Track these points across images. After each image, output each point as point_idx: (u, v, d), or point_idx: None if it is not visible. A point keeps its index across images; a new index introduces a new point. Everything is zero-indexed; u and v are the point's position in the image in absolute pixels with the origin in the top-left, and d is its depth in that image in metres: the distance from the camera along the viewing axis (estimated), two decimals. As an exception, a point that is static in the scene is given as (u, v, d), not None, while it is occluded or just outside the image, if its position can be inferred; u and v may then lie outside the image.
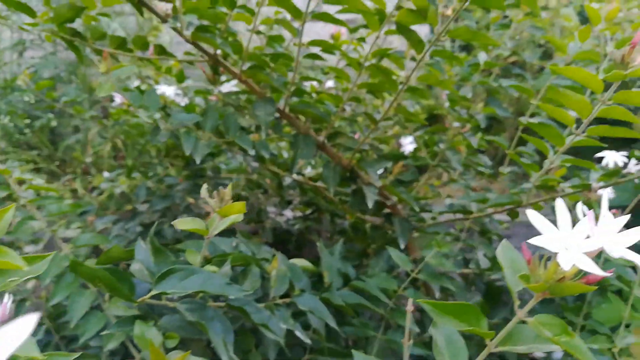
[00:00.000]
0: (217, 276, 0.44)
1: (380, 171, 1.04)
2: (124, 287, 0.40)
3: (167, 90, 1.13)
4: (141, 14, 0.81)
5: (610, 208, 1.24)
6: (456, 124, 1.07)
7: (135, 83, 1.28)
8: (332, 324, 0.62)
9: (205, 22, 0.80)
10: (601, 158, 0.97)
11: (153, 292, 0.41)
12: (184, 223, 0.46)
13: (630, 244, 0.35)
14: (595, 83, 0.49)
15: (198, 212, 1.36)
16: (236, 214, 0.44)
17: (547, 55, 1.87)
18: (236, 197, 1.32)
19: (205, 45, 0.81)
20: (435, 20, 0.65)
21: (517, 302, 0.39)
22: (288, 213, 1.35)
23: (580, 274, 0.36)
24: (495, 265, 1.05)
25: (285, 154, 1.20)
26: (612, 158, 0.94)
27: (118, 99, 1.09)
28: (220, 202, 0.43)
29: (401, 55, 0.75)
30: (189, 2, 0.73)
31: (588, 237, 0.34)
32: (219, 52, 0.82)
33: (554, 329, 0.36)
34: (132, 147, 1.62)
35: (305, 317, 0.65)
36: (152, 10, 0.78)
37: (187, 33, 0.79)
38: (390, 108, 0.78)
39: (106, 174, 1.34)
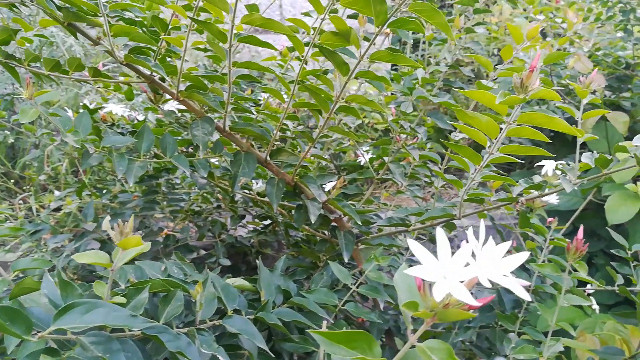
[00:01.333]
0: (121, 309, 0.44)
1: (332, 184, 1.05)
2: (19, 325, 0.40)
3: (115, 108, 1.13)
4: (74, 36, 0.81)
5: (560, 212, 1.29)
6: (410, 138, 1.09)
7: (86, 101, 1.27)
8: (261, 344, 0.63)
9: (141, 44, 0.80)
10: (547, 165, 1.00)
11: (52, 328, 0.41)
12: (85, 256, 0.46)
13: (509, 271, 0.36)
14: (499, 105, 0.51)
15: (159, 227, 1.35)
16: (135, 247, 0.44)
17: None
18: (191, 212, 1.32)
19: (141, 67, 0.81)
20: (357, 43, 0.66)
21: (409, 327, 0.40)
22: (251, 226, 1.35)
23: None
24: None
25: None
26: (550, 167, 0.97)
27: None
28: (120, 235, 0.43)
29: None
30: (118, 26, 0.73)
31: (467, 264, 0.36)
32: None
33: (441, 353, 0.37)
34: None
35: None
36: (82, 33, 0.78)
37: (121, 55, 0.79)
38: (324, 126, 0.79)
39: (57, 193, 1.32)
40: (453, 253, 0.36)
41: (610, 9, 1.65)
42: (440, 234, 0.36)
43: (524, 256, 0.37)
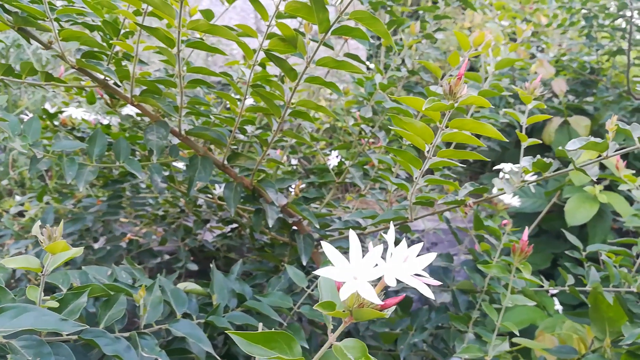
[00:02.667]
0: (52, 313, 0.44)
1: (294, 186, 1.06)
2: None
3: (75, 112, 1.12)
4: (27, 40, 0.81)
5: (526, 214, 1.30)
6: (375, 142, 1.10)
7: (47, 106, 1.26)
8: (208, 348, 0.63)
9: (95, 49, 0.80)
10: (506, 167, 1.02)
11: (-23, 333, 0.41)
12: (14, 261, 0.46)
13: (415, 272, 0.37)
14: (431, 112, 0.52)
15: (122, 232, 1.34)
16: (62, 251, 0.44)
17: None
18: (155, 217, 1.32)
19: (93, 72, 0.81)
20: (304, 49, 0.67)
21: (330, 327, 0.41)
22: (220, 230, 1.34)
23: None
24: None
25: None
26: (507, 169, 1.00)
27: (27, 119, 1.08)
28: (48, 239, 0.43)
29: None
30: (67, 31, 0.73)
31: (377, 265, 0.37)
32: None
33: (355, 351, 0.38)
34: (54, 167, 1.58)
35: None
36: (34, 37, 0.78)
37: (73, 59, 0.79)
38: (277, 130, 0.80)
39: (18, 198, 1.31)
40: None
41: (573, 15, 1.69)
42: (352, 236, 0.37)
43: (431, 257, 0.38)
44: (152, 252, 1.24)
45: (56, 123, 1.10)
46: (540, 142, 0.77)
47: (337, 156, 1.24)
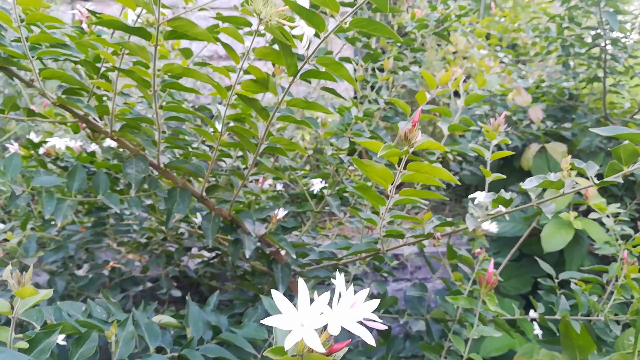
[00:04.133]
0: (21, 355, 0.46)
1: (282, 213, 1.08)
2: None
3: (58, 142, 1.14)
4: (10, 78, 0.83)
5: (507, 239, 1.32)
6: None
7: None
8: (179, 382, 0.64)
9: (75, 86, 0.83)
10: (479, 197, 1.05)
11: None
12: (-19, 305, 0.47)
13: (360, 318, 0.39)
14: (389, 156, 0.55)
15: (105, 260, 1.35)
16: (31, 295, 0.46)
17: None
18: (137, 244, 1.33)
19: (74, 108, 0.83)
20: (275, 90, 0.70)
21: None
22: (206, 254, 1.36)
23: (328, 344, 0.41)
24: (383, 303, 1.10)
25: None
26: (480, 198, 1.02)
27: (12, 148, 1.10)
28: (17, 284, 0.45)
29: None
30: (48, 71, 0.76)
31: (323, 313, 0.39)
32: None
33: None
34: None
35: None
36: (16, 76, 0.80)
37: (54, 96, 0.81)
38: (253, 164, 0.82)
39: (1, 226, 1.32)
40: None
41: (550, 43, 1.75)
42: (301, 284, 0.39)
43: (374, 304, 0.40)
44: (135, 279, 1.25)
45: (41, 151, 1.12)
46: (504, 177, 0.80)
47: (320, 181, 1.26)
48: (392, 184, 0.60)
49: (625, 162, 0.61)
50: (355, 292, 0.41)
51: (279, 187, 1.48)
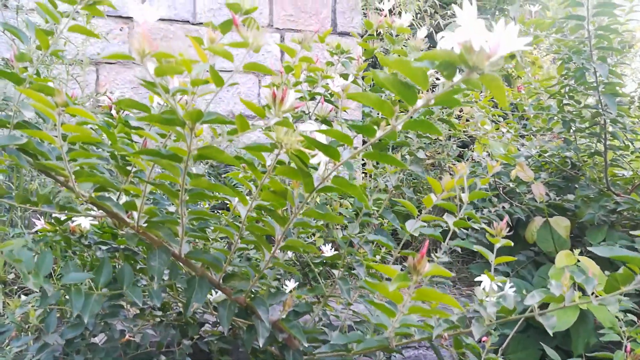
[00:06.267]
0: None
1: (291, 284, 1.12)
2: None
3: (84, 222, 1.20)
4: (47, 175, 0.90)
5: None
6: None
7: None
8: None
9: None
10: (485, 281, 1.08)
11: None
12: None
13: None
14: (401, 287, 0.59)
15: (121, 330, 1.39)
16: None
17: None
18: (152, 317, 1.36)
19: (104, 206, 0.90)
20: (293, 202, 0.76)
21: None
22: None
23: None
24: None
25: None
26: (487, 283, 1.06)
27: (39, 224, 1.17)
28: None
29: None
30: (83, 177, 0.82)
31: None
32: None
33: None
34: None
35: None
36: (52, 177, 0.87)
37: (86, 195, 0.88)
38: (269, 261, 0.87)
39: (24, 298, 1.36)
40: None
41: (551, 118, 1.82)
42: None
43: None
44: (150, 354, 1.28)
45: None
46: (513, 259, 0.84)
47: (331, 248, 1.31)
48: (402, 304, 0.64)
49: (622, 283, 0.66)
50: None
51: (290, 253, 1.53)
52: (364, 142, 1.66)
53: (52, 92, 0.70)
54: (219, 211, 1.50)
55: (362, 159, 1.42)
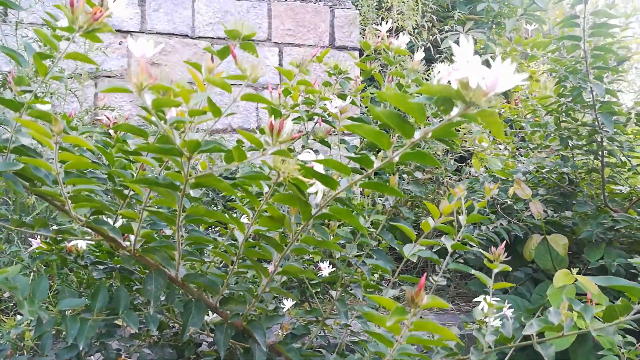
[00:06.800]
0: None
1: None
2: None
3: (81, 242, 1.19)
4: (44, 200, 0.89)
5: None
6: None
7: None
8: None
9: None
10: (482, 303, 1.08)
11: None
12: None
13: None
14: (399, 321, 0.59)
15: (117, 350, 1.37)
16: None
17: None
18: (148, 337, 1.35)
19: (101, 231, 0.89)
20: (290, 228, 0.76)
21: None
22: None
23: None
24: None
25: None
26: (485, 304, 1.06)
27: (34, 242, 1.16)
28: None
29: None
30: (80, 202, 0.82)
31: None
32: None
33: None
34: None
35: None
36: (49, 202, 0.86)
37: (82, 218, 0.87)
38: (266, 286, 0.87)
39: (19, 317, 1.35)
40: None
41: (549, 135, 1.82)
42: None
43: None
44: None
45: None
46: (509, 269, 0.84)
47: (328, 265, 1.31)
48: (400, 335, 0.64)
49: (620, 313, 0.65)
50: None
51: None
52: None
53: (50, 119, 0.70)
54: (217, 229, 1.50)
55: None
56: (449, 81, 0.52)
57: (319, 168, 0.64)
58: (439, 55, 3.21)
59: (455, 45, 0.49)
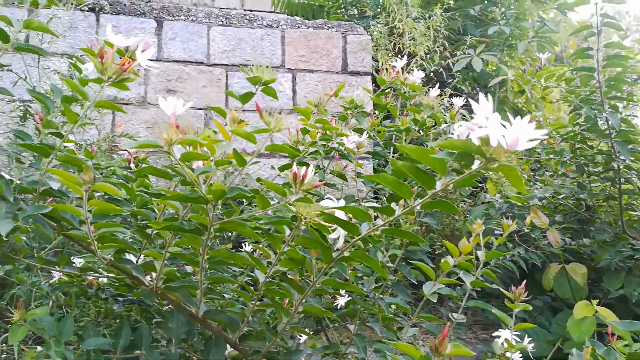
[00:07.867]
0: None
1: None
2: None
3: (101, 277, 1.21)
4: (72, 241, 0.92)
5: (528, 359, 1.30)
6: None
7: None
8: None
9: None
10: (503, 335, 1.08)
11: None
12: None
13: None
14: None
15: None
16: None
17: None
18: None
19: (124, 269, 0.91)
20: (311, 270, 0.77)
21: None
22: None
23: None
24: None
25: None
26: (505, 336, 1.06)
27: (56, 273, 1.18)
28: None
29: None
30: (106, 244, 0.84)
31: None
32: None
33: None
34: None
35: None
36: (76, 242, 0.89)
37: (107, 257, 0.89)
38: (287, 324, 0.88)
39: (39, 349, 1.37)
40: None
41: (564, 162, 1.82)
42: None
43: None
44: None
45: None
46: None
47: (344, 295, 1.31)
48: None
49: (642, 359, 0.65)
50: None
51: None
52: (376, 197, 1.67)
53: (81, 166, 0.73)
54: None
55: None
56: (468, 134, 0.54)
57: (340, 214, 0.65)
58: (451, 79, 3.22)
59: (475, 103, 0.51)
